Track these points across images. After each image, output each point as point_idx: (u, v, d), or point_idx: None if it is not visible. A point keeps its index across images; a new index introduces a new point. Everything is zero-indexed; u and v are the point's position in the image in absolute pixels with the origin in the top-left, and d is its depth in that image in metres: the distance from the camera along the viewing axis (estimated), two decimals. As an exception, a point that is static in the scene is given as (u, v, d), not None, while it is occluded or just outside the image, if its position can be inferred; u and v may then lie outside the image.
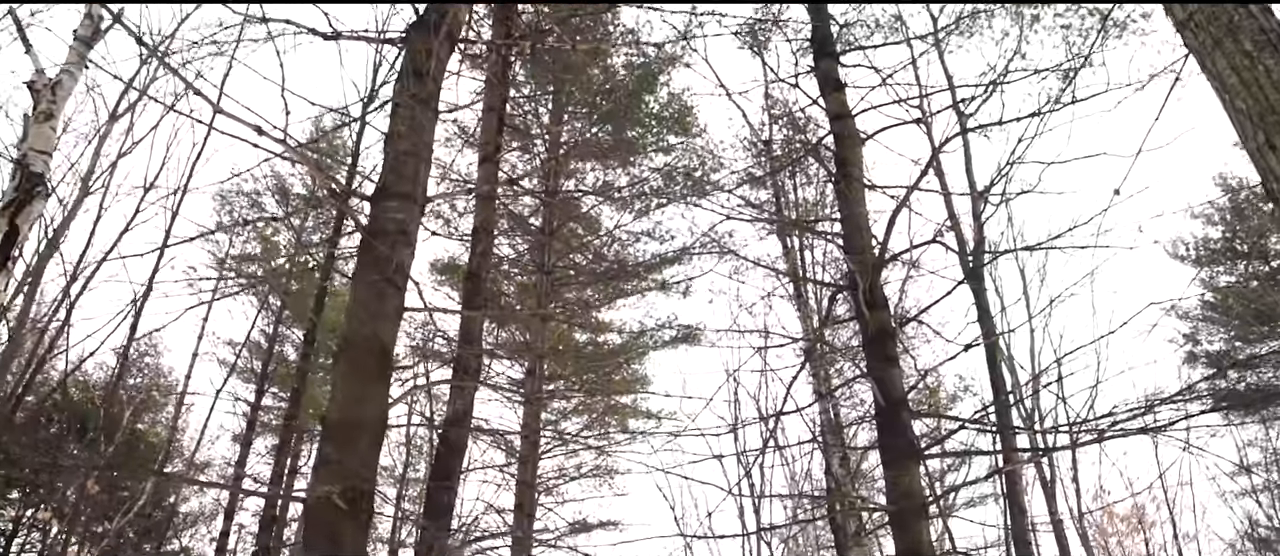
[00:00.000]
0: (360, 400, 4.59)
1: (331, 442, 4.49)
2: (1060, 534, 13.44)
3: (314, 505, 4.31)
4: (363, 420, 4.54)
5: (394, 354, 4.92)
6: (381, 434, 4.62)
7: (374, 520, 23.55)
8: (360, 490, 4.36)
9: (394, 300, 4.88)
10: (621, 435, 18.34)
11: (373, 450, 4.53)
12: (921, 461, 7.85)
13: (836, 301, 9.50)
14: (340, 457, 4.41)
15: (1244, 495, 22.54)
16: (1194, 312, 22.91)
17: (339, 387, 4.72)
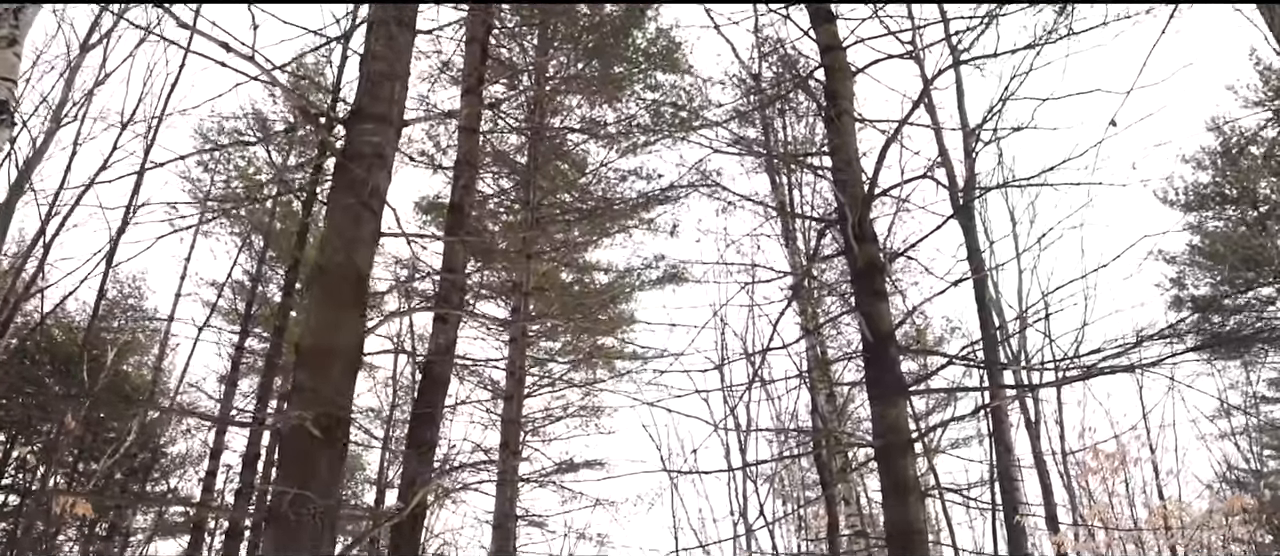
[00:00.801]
0: (335, 327, 4.46)
1: (305, 370, 4.37)
2: (1043, 473, 13.53)
3: (288, 433, 4.20)
4: (337, 347, 4.41)
5: (371, 281, 4.78)
6: (357, 362, 4.50)
7: (361, 460, 23.48)
8: (335, 417, 4.25)
9: (370, 225, 4.73)
10: (608, 374, 18.34)
11: (348, 378, 4.42)
12: (908, 397, 7.81)
13: (825, 237, 9.38)
14: (314, 385, 4.29)
15: (1223, 437, 22.79)
16: (1181, 257, 22.96)
17: (313, 314, 4.58)
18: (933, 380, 8.48)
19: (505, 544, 10.52)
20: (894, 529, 7.08)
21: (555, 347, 19.02)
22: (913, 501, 7.14)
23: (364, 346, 4.55)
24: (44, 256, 13.75)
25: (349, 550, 7.22)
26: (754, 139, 12.04)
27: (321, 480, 4.07)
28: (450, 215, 8.51)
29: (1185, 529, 10.40)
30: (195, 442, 23.33)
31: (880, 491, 8.06)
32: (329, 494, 4.08)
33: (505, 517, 10.53)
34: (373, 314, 11.39)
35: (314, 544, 3.98)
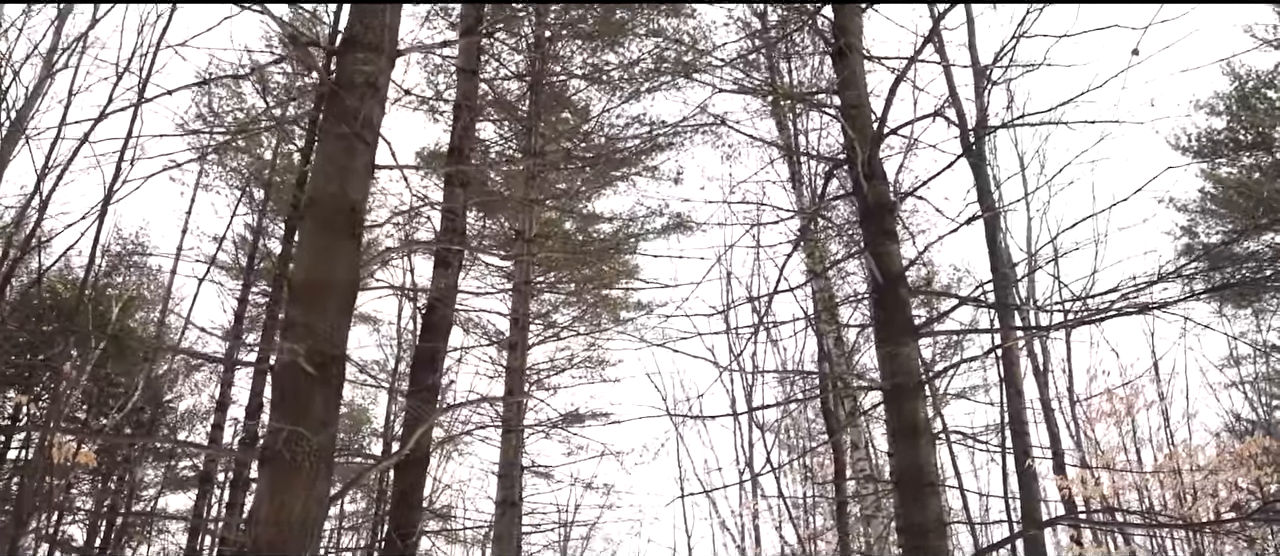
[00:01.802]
0: (328, 260, 4.30)
1: (298, 305, 4.23)
2: (1051, 420, 13.44)
3: (281, 370, 4.07)
4: (331, 281, 4.26)
5: (365, 214, 4.61)
6: (352, 297, 4.35)
7: (367, 413, 23.47)
8: (330, 354, 4.12)
9: (363, 156, 4.56)
10: (613, 326, 18.24)
11: (343, 314, 4.27)
12: (918, 339, 7.67)
13: (832, 179, 9.19)
14: (307, 320, 4.15)
15: (1232, 386, 22.65)
16: (1193, 205, 22.66)
17: (305, 247, 4.43)
18: (943, 323, 8.34)
19: (510, 492, 10.48)
20: (903, 472, 6.98)
21: (559, 299, 18.90)
22: (923, 444, 7.03)
23: (358, 281, 4.40)
24: (42, 210, 13.58)
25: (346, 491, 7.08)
26: (761, 80, 11.78)
27: (316, 418, 3.95)
28: (449, 158, 8.33)
29: (1197, 472, 10.31)
30: (202, 397, 23.36)
31: (889, 435, 7.96)
32: (324, 432, 3.96)
33: (510, 466, 10.47)
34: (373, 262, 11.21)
35: (310, 483, 3.86)
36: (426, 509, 16.36)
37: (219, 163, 19.47)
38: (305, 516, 3.81)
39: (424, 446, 7.43)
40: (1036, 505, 8.59)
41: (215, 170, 19.53)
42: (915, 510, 6.86)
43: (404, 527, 6.90)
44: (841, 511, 11.42)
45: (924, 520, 6.78)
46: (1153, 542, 18.51)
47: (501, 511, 10.47)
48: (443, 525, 22.90)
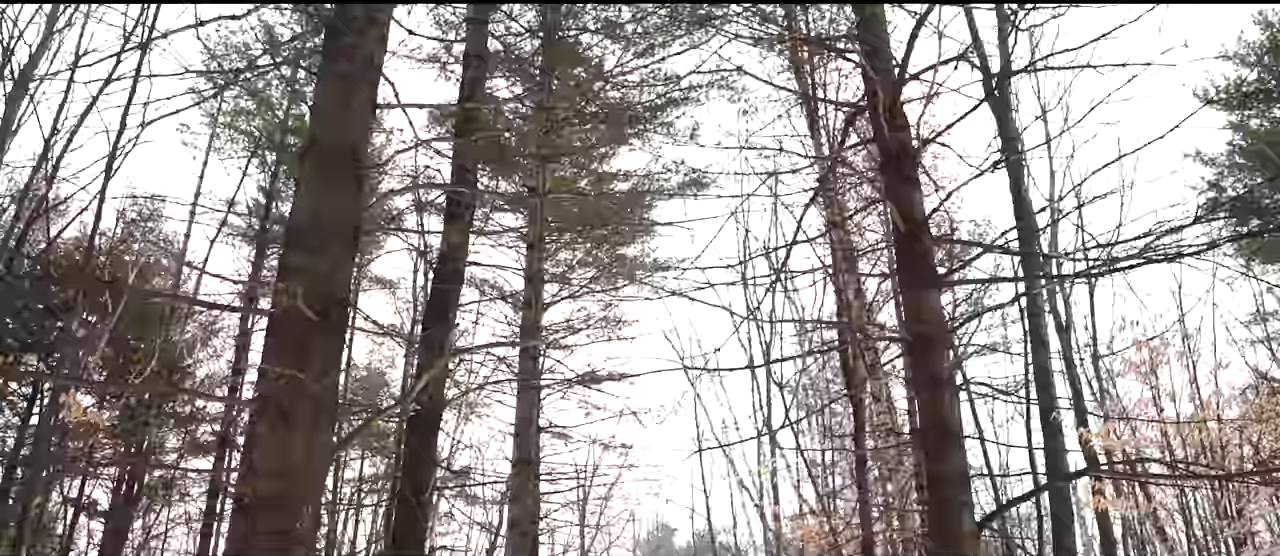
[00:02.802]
0: (328, 202, 4.13)
1: (297, 248, 4.07)
2: (1073, 375, 13.21)
3: (280, 316, 3.92)
4: (332, 224, 4.09)
5: (367, 154, 4.43)
6: (354, 240, 4.18)
7: (386, 378, 23.42)
8: (332, 298, 3.96)
9: (364, 95, 4.37)
10: (629, 285, 18.05)
11: (345, 256, 4.11)
12: (942, 288, 7.46)
13: (852, 128, 8.93)
14: (307, 263, 3.99)
15: (1257, 343, 22.27)
16: (1220, 159, 22.17)
17: (305, 190, 4.26)
18: (966, 272, 8.12)
19: (526, 450, 10.37)
20: (927, 423, 6.81)
21: (574, 259, 18.72)
22: (947, 395, 6.84)
23: (361, 224, 4.23)
24: (52, 175, 13.51)
25: (350, 440, 7.00)
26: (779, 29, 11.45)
27: (317, 364, 3.79)
28: (459, 109, 8.13)
29: (1224, 425, 10.08)
30: (221, 363, 23.39)
31: (913, 386, 7.80)
32: (326, 379, 3.81)
33: (525, 425, 10.35)
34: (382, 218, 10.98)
35: (310, 432, 3.72)
36: (442, 466, 16.35)
37: (230, 125, 19.34)
38: (307, 465, 3.67)
39: (438, 403, 7.30)
40: (1062, 457, 8.41)
41: (226, 133, 19.39)
42: (938, 462, 6.69)
43: (418, 484, 6.79)
44: (861, 467, 11.27)
45: (947, 472, 6.62)
46: (1179, 498, 18.32)
47: (517, 469, 10.38)
48: (460, 485, 22.97)
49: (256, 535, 3.55)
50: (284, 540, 3.54)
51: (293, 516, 3.58)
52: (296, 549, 3.56)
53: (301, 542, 3.58)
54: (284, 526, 3.56)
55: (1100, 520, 12.22)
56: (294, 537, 3.56)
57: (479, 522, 23.75)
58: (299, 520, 3.58)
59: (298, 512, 3.59)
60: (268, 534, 3.54)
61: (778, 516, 19.55)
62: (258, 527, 3.57)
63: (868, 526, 10.68)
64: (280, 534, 3.55)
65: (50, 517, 20.08)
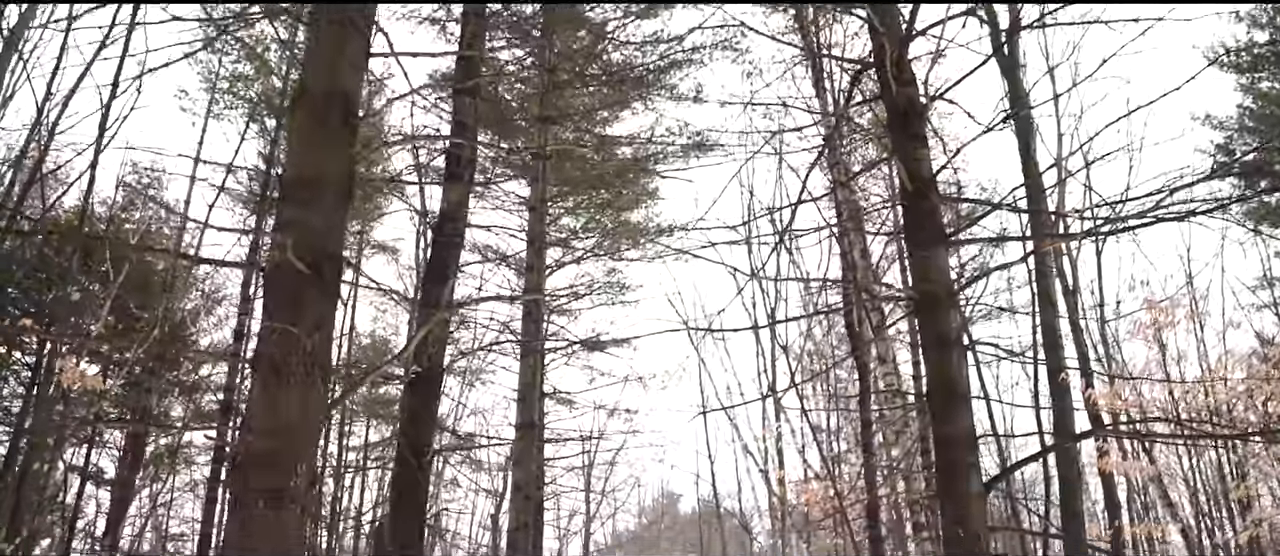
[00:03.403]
0: (320, 153, 4.01)
1: (290, 202, 3.95)
2: (1079, 340, 13.10)
3: (272, 270, 3.82)
4: (324, 176, 3.97)
5: (359, 103, 4.31)
6: (348, 192, 4.07)
7: (389, 346, 23.37)
8: (325, 251, 3.85)
9: (357, 43, 4.24)
10: (633, 251, 17.93)
11: (338, 209, 3.99)
12: (950, 246, 7.35)
13: (858, 85, 8.78)
14: (300, 217, 3.87)
15: (1263, 309, 22.13)
16: (1230, 122, 21.89)
17: (296, 141, 4.15)
18: (974, 230, 8.01)
19: (529, 415, 10.31)
20: (935, 383, 6.71)
21: (577, 224, 18.61)
22: (954, 355, 6.74)
23: (354, 175, 4.12)
24: (47, 143, 13.37)
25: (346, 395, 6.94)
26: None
27: (310, 319, 3.70)
28: (458, 65, 7.98)
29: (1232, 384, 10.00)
30: (225, 332, 23.36)
31: (920, 347, 7.72)
32: (320, 334, 3.71)
33: (528, 389, 10.29)
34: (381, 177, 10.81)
35: (304, 388, 3.62)
36: (446, 431, 16.38)
37: (229, 90, 19.16)
38: (301, 422, 3.58)
39: (438, 364, 7.22)
40: (1069, 418, 8.33)
41: (224, 98, 19.21)
42: (946, 424, 6.60)
43: (418, 446, 6.72)
44: (866, 430, 11.20)
45: (955, 433, 6.53)
46: (1185, 460, 18.28)
47: (521, 433, 10.33)
48: (464, 449, 23.00)
49: (250, 493, 3.47)
50: (278, 498, 3.45)
51: (286, 474, 3.50)
52: (291, 507, 3.48)
53: (296, 500, 3.50)
54: (277, 484, 3.48)
55: (1105, 483, 12.17)
56: (288, 495, 3.48)
57: (484, 488, 23.85)
58: (293, 478, 3.50)
59: (291, 470, 3.51)
60: (261, 492, 3.46)
61: (782, 481, 19.57)
62: (251, 485, 3.49)
63: (873, 490, 10.63)
64: (274, 491, 3.46)
65: (55, 487, 20.18)
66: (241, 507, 3.48)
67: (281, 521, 3.45)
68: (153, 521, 24.53)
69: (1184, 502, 18.05)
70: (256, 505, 3.45)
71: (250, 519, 3.44)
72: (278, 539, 3.43)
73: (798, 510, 20.05)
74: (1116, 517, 12.37)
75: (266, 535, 3.40)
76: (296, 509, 3.51)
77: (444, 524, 25.92)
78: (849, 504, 12.50)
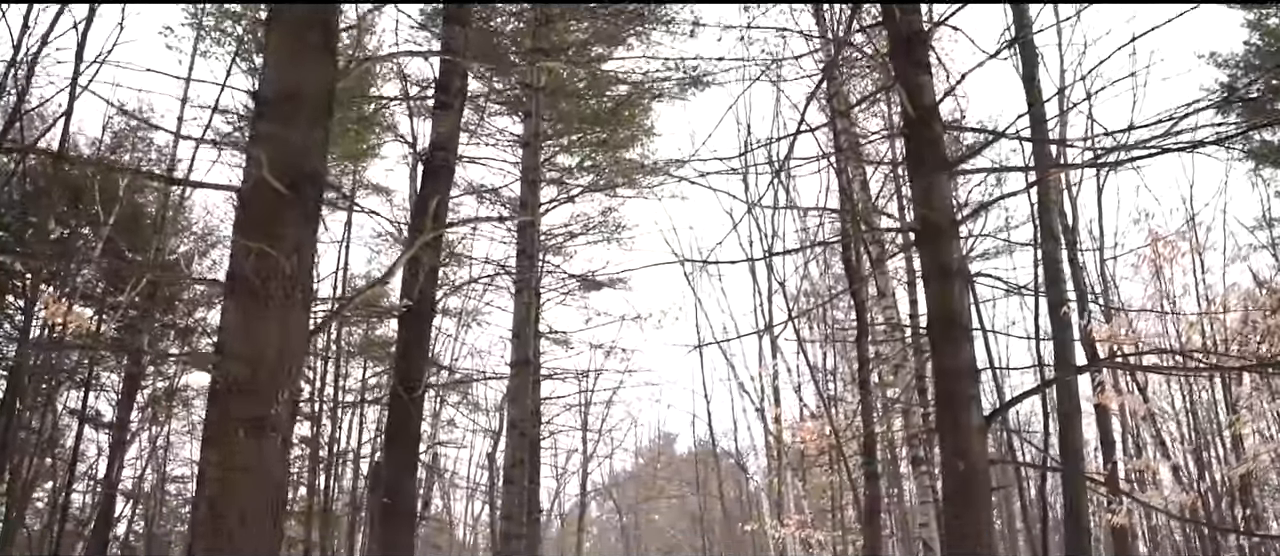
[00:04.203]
0: (297, 67, 3.81)
1: (267, 119, 3.76)
2: (1078, 277, 12.99)
3: (248, 190, 3.64)
4: (302, 90, 3.77)
5: (338, 19, 4.09)
6: (327, 107, 3.87)
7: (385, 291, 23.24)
8: (304, 170, 3.67)
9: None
10: (629, 190, 17.72)
11: (317, 126, 3.80)
12: (953, 174, 7.19)
13: (858, 13, 8.53)
14: (277, 134, 3.69)
15: (1261, 249, 21.99)
16: (1234, 59, 21.51)
17: (272, 56, 3.94)
18: (976, 160, 7.84)
19: (523, 352, 10.21)
20: (936, 314, 6.59)
21: (573, 162, 18.36)
22: (956, 286, 6.61)
23: (334, 93, 3.92)
24: (27, 79, 13.06)
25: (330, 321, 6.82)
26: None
27: (289, 241, 3.53)
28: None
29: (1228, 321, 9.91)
30: (219, 275, 23.17)
31: (917, 284, 7.61)
32: (299, 257, 3.55)
33: (522, 325, 10.17)
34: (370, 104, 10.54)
35: (283, 313, 3.47)
36: (443, 369, 16.34)
37: (216, 27, 18.74)
38: (280, 350, 3.43)
39: (429, 297, 7.08)
40: (1070, 351, 8.24)
41: (211, 36, 18.80)
42: (947, 355, 6.50)
43: (410, 380, 6.61)
44: (863, 367, 11.12)
45: (956, 366, 6.42)
46: (1177, 399, 18.32)
47: (516, 370, 10.24)
48: (462, 394, 23.02)
49: (229, 422, 3.34)
50: (258, 427, 3.32)
51: (266, 401, 3.36)
52: (272, 436, 3.35)
53: (277, 429, 3.37)
54: (257, 412, 3.34)
55: (1100, 419, 12.15)
56: (269, 424, 3.35)
57: (481, 427, 23.93)
58: (274, 406, 3.36)
59: (272, 398, 3.37)
60: (241, 421, 3.32)
61: (778, 419, 19.61)
62: (230, 414, 3.35)
63: (870, 425, 10.57)
64: (254, 420, 3.33)
65: (50, 429, 20.17)
66: (220, 438, 3.35)
67: (263, 451, 3.32)
68: (153, 464, 24.63)
69: (1176, 441, 18.13)
70: (236, 435, 3.31)
71: (229, 449, 3.31)
72: (259, 470, 3.30)
73: (793, 448, 20.13)
74: (1111, 455, 12.37)
75: (247, 466, 3.28)
76: (278, 438, 3.38)
77: (442, 464, 26.06)
78: (845, 440, 12.48)
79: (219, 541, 3.22)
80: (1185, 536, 21.16)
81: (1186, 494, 14.50)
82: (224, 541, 3.20)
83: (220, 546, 3.21)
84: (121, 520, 23.40)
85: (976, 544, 6.06)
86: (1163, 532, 22.13)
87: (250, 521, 3.23)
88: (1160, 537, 22.24)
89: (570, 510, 33.45)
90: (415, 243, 5.37)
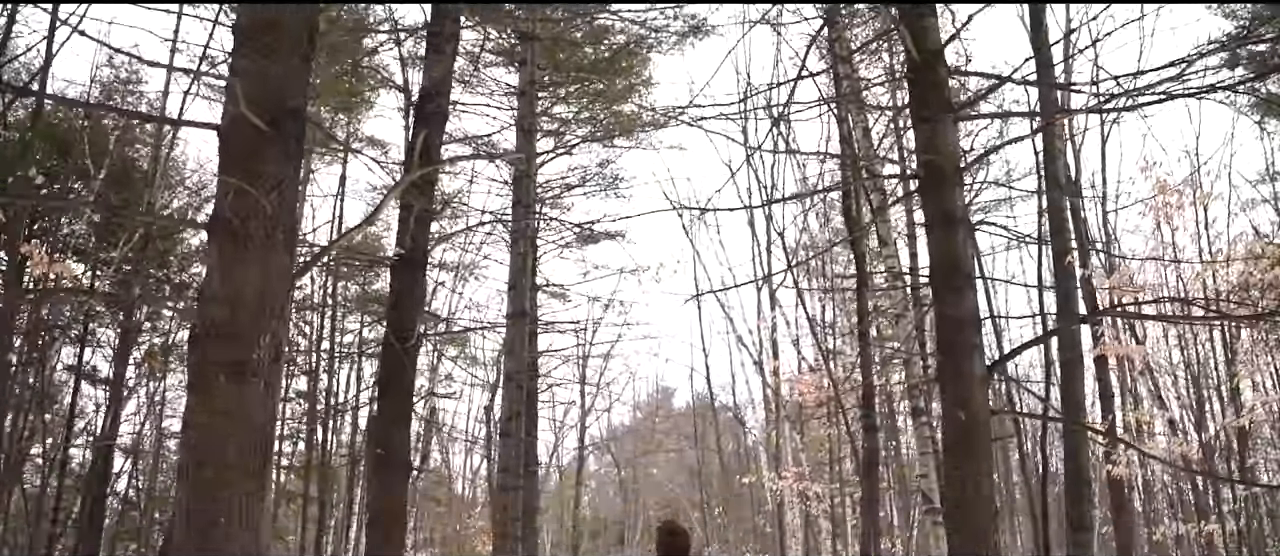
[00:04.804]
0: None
1: (245, 52, 3.59)
2: (1080, 229, 12.84)
3: (227, 125, 3.48)
4: (282, 22, 3.60)
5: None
6: (308, 39, 3.70)
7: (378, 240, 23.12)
8: (284, 105, 3.51)
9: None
10: (626, 141, 17.49)
11: (297, 59, 3.63)
12: (957, 118, 7.02)
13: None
14: (256, 66, 3.52)
15: (1264, 203, 21.81)
16: (1244, 12, 21.14)
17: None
18: (981, 106, 7.66)
19: (520, 304, 10.08)
20: (938, 262, 6.46)
21: (570, 113, 18.10)
22: (960, 233, 6.48)
23: (317, 25, 3.74)
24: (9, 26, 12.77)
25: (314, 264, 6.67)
26: None
27: (269, 178, 3.38)
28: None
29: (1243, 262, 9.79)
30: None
31: (915, 236, 7.47)
32: (280, 195, 3.40)
33: (519, 276, 10.03)
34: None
35: (264, 254, 3.33)
36: (435, 316, 16.22)
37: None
38: (261, 291, 3.30)
39: (421, 245, 6.94)
40: (1074, 300, 8.12)
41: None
42: (950, 304, 6.38)
43: (401, 329, 6.48)
44: (862, 318, 11.02)
45: (959, 314, 6.31)
46: (1175, 353, 18.26)
47: (511, 322, 10.11)
48: (460, 348, 22.95)
49: (209, 367, 3.21)
50: (239, 372, 3.19)
51: (247, 346, 3.23)
52: (253, 381, 3.22)
53: (259, 374, 3.24)
54: (239, 357, 3.22)
55: (1098, 369, 12.07)
56: (250, 368, 3.22)
57: (479, 380, 23.89)
58: (255, 350, 3.23)
59: (253, 342, 3.24)
60: (221, 365, 3.20)
61: (776, 372, 19.57)
62: (210, 359, 3.22)
63: (868, 377, 10.49)
64: (235, 365, 3.20)
65: (46, 384, 20.11)
66: (200, 383, 3.22)
67: (244, 396, 3.20)
68: (151, 420, 24.59)
69: (1172, 395, 18.09)
70: (216, 380, 3.18)
71: (210, 395, 3.19)
72: (240, 415, 3.18)
73: (792, 401, 20.12)
74: (1110, 408, 12.31)
75: (228, 411, 3.16)
76: (260, 383, 3.26)
77: (440, 418, 26.07)
78: (844, 392, 12.42)
79: (201, 489, 3.11)
80: (1178, 491, 21.24)
81: (1184, 447, 14.48)
82: (205, 489, 3.09)
83: (202, 494, 3.10)
84: (121, 476, 23.43)
85: (976, 494, 5.99)
86: (1157, 486, 22.22)
87: (233, 468, 3.11)
88: (1154, 491, 22.32)
89: (568, 464, 33.59)
90: (402, 181, 5.21)
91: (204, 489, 3.09)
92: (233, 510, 3.06)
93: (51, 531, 20.32)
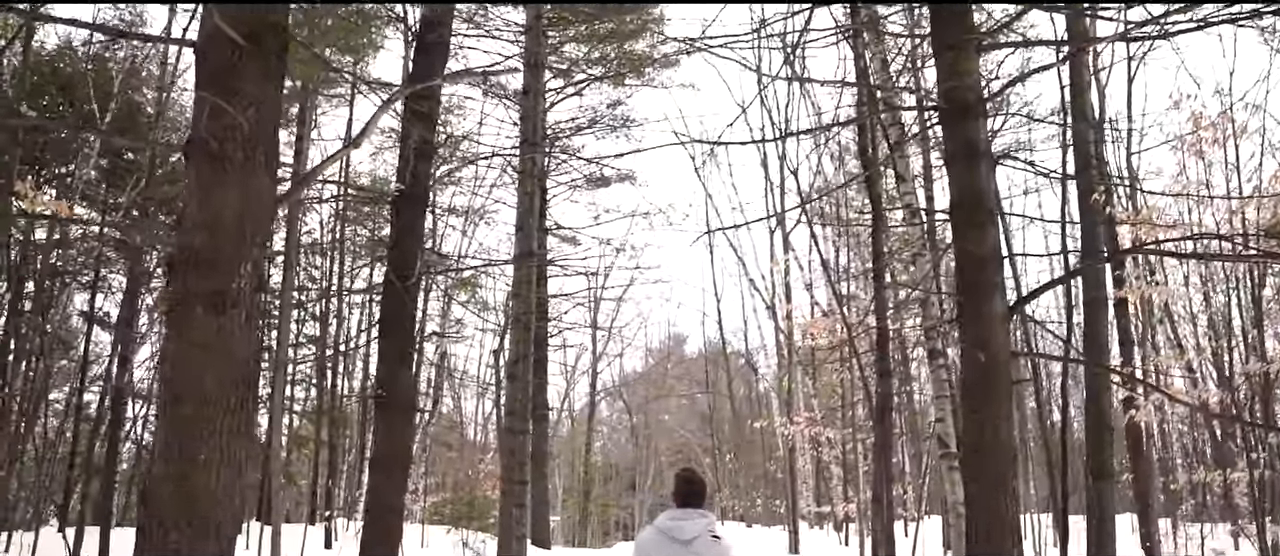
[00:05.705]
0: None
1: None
2: (1103, 172, 12.49)
3: (204, 42, 3.24)
4: (260, -71, 3.34)
5: None
6: (288, -51, 3.44)
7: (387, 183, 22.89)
8: (263, 19, 3.26)
9: None
10: (635, 79, 17.14)
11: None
12: (981, 49, 6.70)
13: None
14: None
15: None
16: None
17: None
18: (1006, 35, 7.31)
19: (527, 245, 9.86)
20: (960, 198, 6.19)
21: (579, 54, 17.74)
22: (983, 167, 6.21)
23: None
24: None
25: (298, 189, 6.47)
26: None
27: (247, 97, 3.14)
28: None
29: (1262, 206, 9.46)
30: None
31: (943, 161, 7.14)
32: (259, 114, 3.17)
33: (526, 217, 9.80)
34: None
35: (244, 177, 3.11)
36: (439, 255, 16.00)
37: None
38: (241, 215, 3.08)
39: (423, 181, 6.71)
40: (1098, 238, 7.85)
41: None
42: (971, 240, 6.13)
43: (402, 267, 6.28)
44: (877, 260, 10.75)
45: (980, 252, 6.07)
46: (1196, 299, 17.93)
47: (519, 264, 9.91)
48: (471, 293, 22.80)
49: (188, 297, 3.01)
50: (219, 301, 2.99)
51: (227, 275, 3.02)
52: (233, 311, 3.02)
53: (239, 304, 3.04)
54: (218, 286, 3.01)
55: (1118, 311, 11.79)
56: (230, 298, 3.02)
57: (489, 325, 23.79)
58: (235, 279, 3.03)
59: (233, 270, 3.04)
60: (200, 295, 2.99)
61: (789, 316, 19.35)
62: (188, 288, 3.02)
63: (883, 321, 10.25)
64: (214, 294, 3.00)
65: (60, 330, 20.12)
66: (178, 315, 3.02)
67: (223, 328, 3.00)
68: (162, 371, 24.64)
69: (1191, 343, 17.78)
70: (195, 310, 2.98)
71: (188, 326, 2.99)
72: (219, 347, 2.99)
73: (804, 346, 19.93)
74: (1130, 354, 12.06)
75: (206, 344, 2.96)
76: (240, 314, 3.06)
77: (451, 363, 26.02)
78: (857, 336, 12.19)
79: (179, 426, 2.92)
80: (1193, 440, 21.03)
81: (1204, 394, 14.22)
82: (184, 426, 2.91)
83: (181, 431, 2.92)
84: (135, 422, 23.55)
85: (995, 438, 5.80)
86: (1173, 435, 22.02)
87: (212, 403, 2.93)
88: (1171, 440, 22.13)
89: (580, 409, 33.65)
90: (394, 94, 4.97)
91: (182, 426, 2.91)
92: (213, 447, 2.88)
93: (68, 476, 20.49)
